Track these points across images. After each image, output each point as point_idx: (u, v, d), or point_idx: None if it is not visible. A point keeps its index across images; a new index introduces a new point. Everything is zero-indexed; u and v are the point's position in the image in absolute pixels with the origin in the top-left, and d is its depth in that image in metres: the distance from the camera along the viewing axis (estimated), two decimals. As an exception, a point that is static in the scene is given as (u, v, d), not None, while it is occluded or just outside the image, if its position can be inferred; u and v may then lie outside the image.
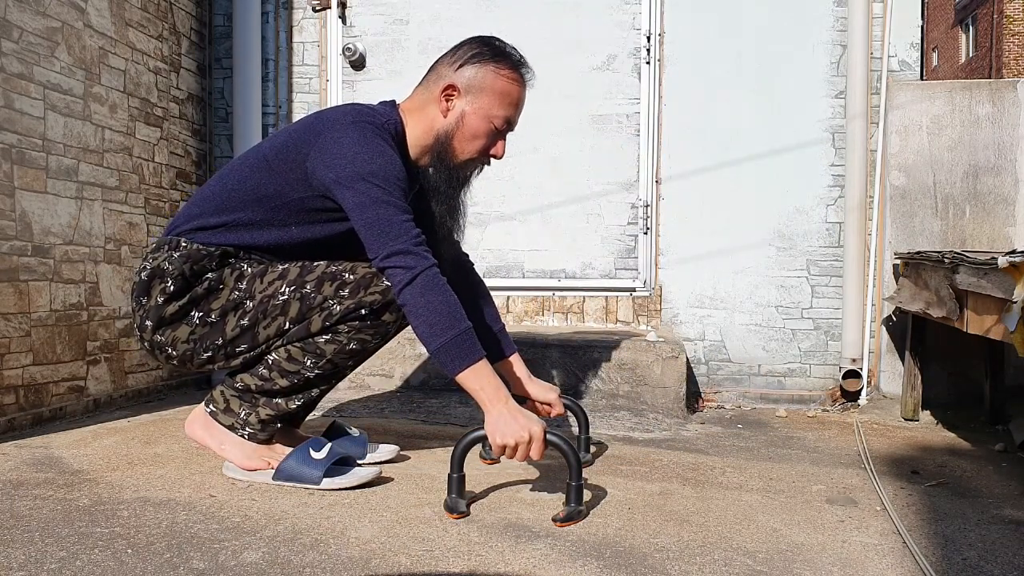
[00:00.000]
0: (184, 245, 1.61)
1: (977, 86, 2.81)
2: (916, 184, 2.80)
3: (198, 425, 1.71)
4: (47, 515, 1.43)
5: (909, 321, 2.68)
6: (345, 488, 1.63)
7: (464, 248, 1.91)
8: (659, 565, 1.28)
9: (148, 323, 1.61)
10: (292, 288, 1.60)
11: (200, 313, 1.61)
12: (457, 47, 1.69)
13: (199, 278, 1.61)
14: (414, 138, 1.70)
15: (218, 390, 1.69)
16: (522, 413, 1.49)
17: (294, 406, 1.68)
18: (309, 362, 1.62)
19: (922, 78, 2.87)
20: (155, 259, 1.61)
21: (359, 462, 1.75)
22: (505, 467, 1.86)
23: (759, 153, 2.94)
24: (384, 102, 1.74)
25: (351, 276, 1.60)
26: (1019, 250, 1.77)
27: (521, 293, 3.06)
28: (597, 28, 3.00)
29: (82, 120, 2.36)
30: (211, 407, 1.69)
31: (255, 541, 1.33)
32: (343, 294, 1.59)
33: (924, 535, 1.48)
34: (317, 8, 3.10)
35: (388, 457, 1.87)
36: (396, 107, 1.72)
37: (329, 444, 1.67)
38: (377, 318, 1.62)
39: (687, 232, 2.98)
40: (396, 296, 1.51)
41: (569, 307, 3.05)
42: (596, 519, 1.50)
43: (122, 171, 2.55)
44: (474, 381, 1.48)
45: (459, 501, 1.51)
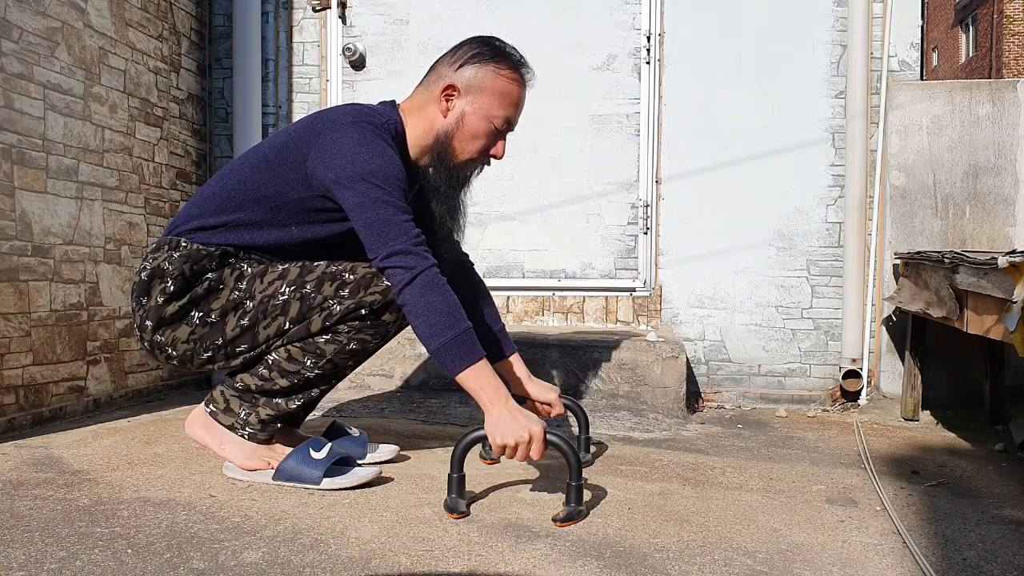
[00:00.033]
0: (184, 245, 1.61)
1: (977, 86, 2.81)
2: (916, 184, 2.80)
3: (198, 425, 1.71)
4: (47, 515, 1.43)
5: (909, 321, 2.68)
6: (345, 488, 1.63)
7: (464, 248, 1.91)
8: (659, 565, 1.28)
9: (148, 323, 1.61)
10: (292, 288, 1.60)
11: (200, 313, 1.61)
12: (457, 47, 1.69)
13: (199, 278, 1.61)
14: (414, 138, 1.70)
15: (218, 390, 1.69)
16: (522, 413, 1.49)
17: (294, 406, 1.68)
18: (309, 362, 1.62)
19: (922, 78, 2.87)
20: (155, 259, 1.61)
21: (359, 462, 1.75)
22: (505, 467, 1.86)
23: (759, 153, 2.94)
24: (384, 102, 1.74)
25: (351, 276, 1.60)
26: (1019, 250, 1.77)
27: (521, 293, 3.06)
28: (597, 28, 3.00)
29: (82, 120, 2.36)
30: (211, 407, 1.69)
31: (255, 541, 1.33)
32: (343, 294, 1.59)
33: (924, 535, 1.48)
34: (317, 8, 3.10)
35: (388, 457, 1.87)
36: (396, 107, 1.72)
37: (329, 444, 1.67)
38: (377, 318, 1.62)
39: (687, 232, 2.98)
40: (396, 296, 1.51)
41: (569, 307, 3.05)
42: (596, 519, 1.50)
43: (122, 171, 2.55)
44: (474, 381, 1.48)
45: (459, 501, 1.51)
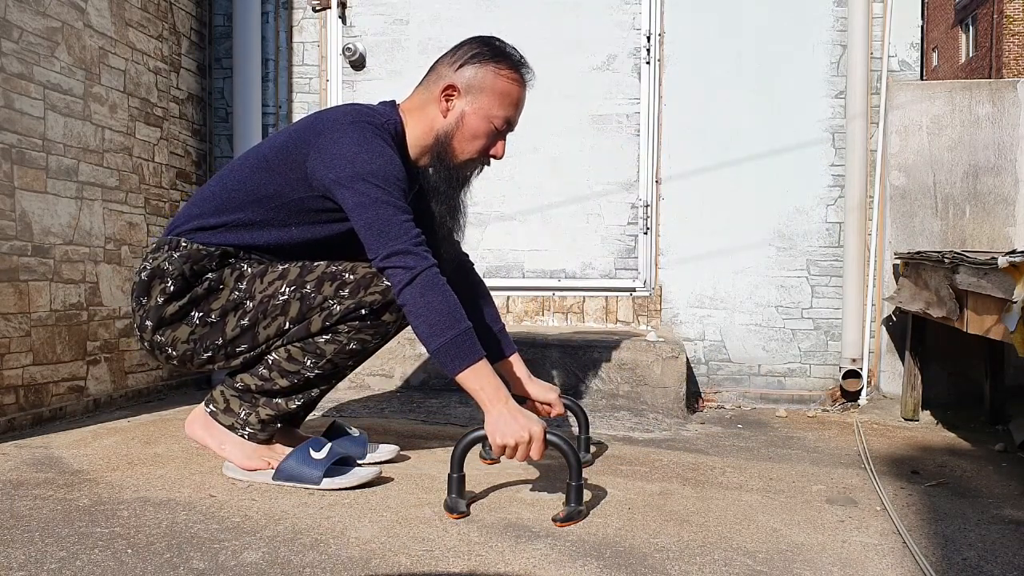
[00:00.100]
0: (184, 245, 1.61)
1: (977, 86, 2.81)
2: (916, 184, 2.80)
3: (198, 425, 1.71)
4: (47, 515, 1.43)
5: (909, 321, 2.68)
6: (345, 488, 1.63)
7: (464, 248, 1.91)
8: (659, 565, 1.28)
9: (148, 323, 1.61)
10: (292, 288, 1.60)
11: (200, 313, 1.61)
12: (457, 47, 1.69)
13: (199, 278, 1.61)
14: (414, 138, 1.70)
15: (218, 390, 1.69)
16: (522, 413, 1.49)
17: (294, 406, 1.68)
18: (309, 362, 1.62)
19: (922, 78, 2.87)
20: (155, 259, 1.61)
21: (359, 462, 1.75)
22: (505, 467, 1.86)
23: (759, 153, 2.94)
24: (384, 102, 1.74)
25: (351, 276, 1.60)
26: (1019, 250, 1.77)
27: (521, 293, 3.06)
28: (597, 28, 3.00)
29: (82, 120, 2.36)
30: (211, 407, 1.69)
31: (255, 541, 1.33)
32: (343, 294, 1.59)
33: (924, 535, 1.48)
34: (317, 8, 3.10)
35: (388, 457, 1.87)
36: (396, 107, 1.72)
37: (329, 444, 1.67)
38: (377, 318, 1.62)
39: (687, 232, 2.98)
40: (396, 296, 1.51)
41: (569, 307, 3.05)
42: (596, 519, 1.50)
43: (122, 171, 2.55)
44: (474, 381, 1.48)
45: (459, 501, 1.51)
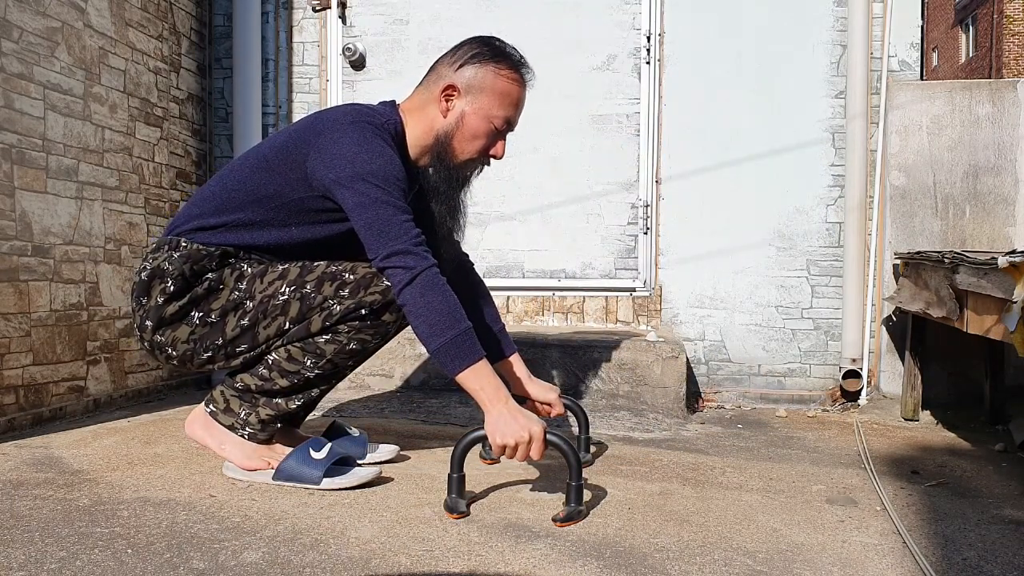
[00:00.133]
0: (184, 245, 1.61)
1: (977, 86, 2.81)
2: (916, 184, 2.80)
3: (198, 425, 1.71)
4: (47, 515, 1.43)
5: (909, 321, 2.68)
6: (345, 488, 1.63)
7: (464, 248, 1.91)
8: (659, 565, 1.28)
9: (148, 323, 1.61)
10: (292, 288, 1.60)
11: (200, 313, 1.61)
12: (457, 47, 1.69)
13: (199, 278, 1.61)
14: (414, 138, 1.70)
15: (218, 390, 1.69)
16: (522, 413, 1.49)
17: (294, 406, 1.68)
18: (309, 362, 1.62)
19: (922, 78, 2.87)
20: (155, 259, 1.61)
21: (359, 462, 1.75)
22: (505, 467, 1.86)
23: (759, 153, 2.94)
24: (384, 102, 1.74)
25: (351, 276, 1.60)
26: (1019, 250, 1.77)
27: (521, 293, 3.06)
28: (597, 28, 3.00)
29: (82, 120, 2.36)
30: (211, 407, 1.69)
31: (255, 541, 1.33)
32: (343, 294, 1.59)
33: (924, 535, 1.48)
34: (317, 8, 3.10)
35: (388, 457, 1.87)
36: (396, 107, 1.72)
37: (329, 444, 1.67)
38: (377, 318, 1.62)
39: (687, 232, 2.98)
40: (396, 296, 1.51)
41: (569, 307, 3.05)
42: (596, 519, 1.50)
43: (122, 171, 2.55)
44: (474, 381, 1.49)
45: (459, 501, 1.51)
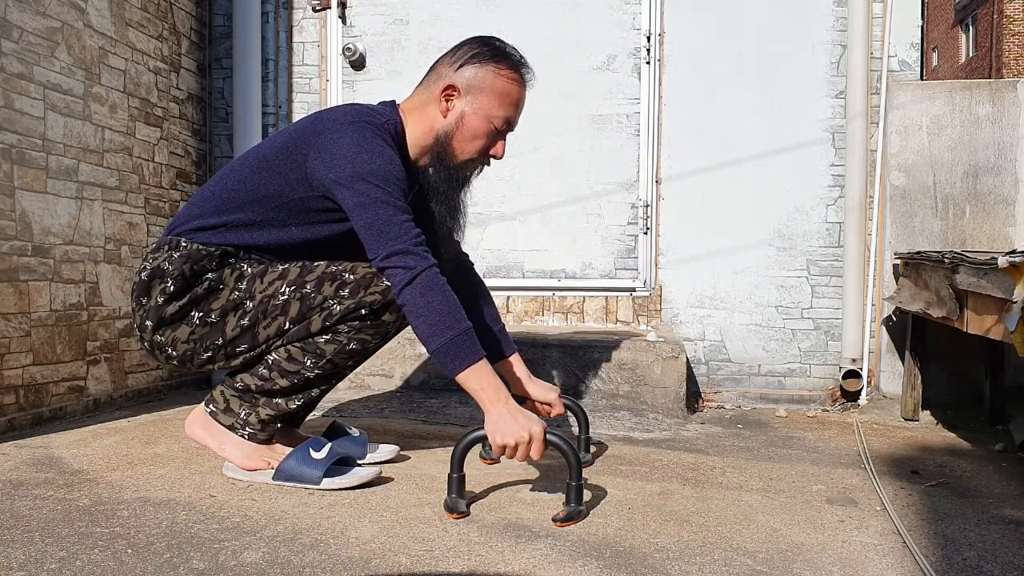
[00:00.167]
0: (184, 245, 1.61)
1: (977, 86, 2.81)
2: (916, 184, 2.80)
3: (198, 425, 1.71)
4: (47, 515, 1.43)
5: (909, 321, 2.68)
6: (345, 488, 1.63)
7: (464, 248, 1.91)
8: (659, 565, 1.28)
9: (148, 323, 1.61)
10: (292, 288, 1.60)
11: (200, 313, 1.61)
12: (457, 47, 1.69)
13: (199, 278, 1.61)
14: (414, 138, 1.70)
15: (218, 390, 1.69)
16: (522, 413, 1.49)
17: (294, 406, 1.68)
18: (309, 362, 1.62)
19: (922, 78, 2.87)
20: (155, 259, 1.61)
21: (359, 462, 1.75)
22: (505, 467, 1.86)
23: (759, 153, 2.94)
24: (384, 102, 1.74)
25: (351, 276, 1.60)
26: (1019, 250, 1.77)
27: (521, 293, 3.06)
28: (597, 28, 3.00)
29: (82, 120, 2.36)
30: (211, 407, 1.69)
31: (255, 541, 1.33)
32: (343, 294, 1.59)
33: (924, 535, 1.48)
34: (317, 8, 3.10)
35: (388, 457, 1.87)
36: (396, 107, 1.72)
37: (329, 444, 1.67)
38: (377, 318, 1.62)
39: (687, 232, 2.98)
40: (396, 296, 1.51)
41: (569, 307, 3.05)
42: (596, 519, 1.50)
43: (122, 171, 2.55)
44: (474, 381, 1.49)
45: (459, 501, 1.51)
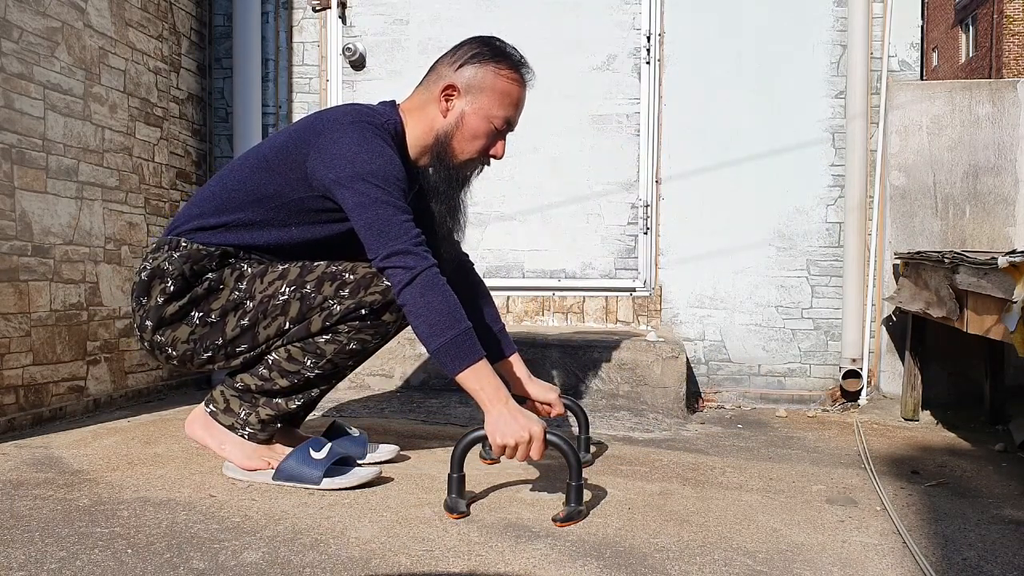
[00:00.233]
0: (184, 245, 1.61)
1: (977, 86, 2.81)
2: (916, 184, 2.80)
3: (198, 425, 1.71)
4: (47, 515, 1.43)
5: (909, 321, 2.68)
6: (345, 488, 1.63)
7: (464, 248, 1.91)
8: (659, 565, 1.28)
9: (148, 323, 1.61)
10: (292, 288, 1.60)
11: (200, 313, 1.61)
12: (457, 47, 1.69)
13: (199, 278, 1.61)
14: (414, 138, 1.70)
15: (218, 390, 1.69)
16: (522, 413, 1.49)
17: (294, 406, 1.68)
18: (309, 362, 1.62)
19: (922, 78, 2.87)
20: (155, 259, 1.61)
21: (359, 462, 1.75)
22: (505, 467, 1.86)
23: (759, 153, 2.94)
24: (384, 102, 1.74)
25: (351, 276, 1.60)
26: (1019, 250, 1.77)
27: (521, 293, 3.06)
28: (597, 28, 3.00)
29: (82, 120, 2.36)
30: (211, 407, 1.69)
31: (255, 541, 1.33)
32: (343, 294, 1.59)
33: (924, 535, 1.48)
34: (317, 8, 3.10)
35: (388, 457, 1.87)
36: (396, 107, 1.72)
37: (329, 444, 1.67)
38: (377, 318, 1.62)
39: (687, 232, 2.98)
40: (396, 296, 1.51)
41: (569, 307, 3.05)
42: (596, 519, 1.50)
43: (122, 171, 2.55)
44: (474, 381, 1.49)
45: (459, 501, 1.51)
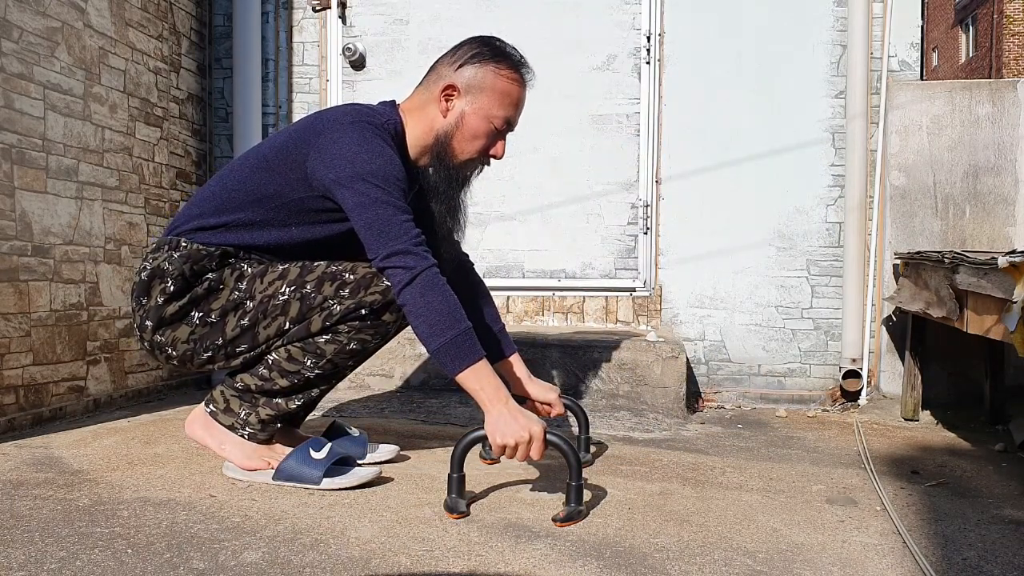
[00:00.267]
0: (184, 245, 1.61)
1: (977, 86, 2.81)
2: (916, 184, 2.80)
3: (198, 425, 1.71)
4: (47, 515, 1.43)
5: (909, 321, 2.68)
6: (345, 488, 1.63)
7: (464, 248, 1.91)
8: (659, 565, 1.28)
9: (148, 323, 1.61)
10: (292, 288, 1.60)
11: (200, 313, 1.61)
12: (457, 47, 1.69)
13: (199, 278, 1.61)
14: (414, 138, 1.70)
15: (218, 390, 1.69)
16: (522, 413, 1.49)
17: (294, 406, 1.68)
18: (309, 362, 1.62)
19: (922, 78, 2.87)
20: (155, 259, 1.61)
21: (359, 462, 1.75)
22: (505, 467, 1.86)
23: (759, 153, 2.94)
24: (384, 102, 1.74)
25: (351, 276, 1.60)
26: (1019, 250, 1.77)
27: (521, 293, 3.06)
28: (597, 28, 3.00)
29: (82, 120, 2.36)
30: (211, 407, 1.69)
31: (255, 541, 1.33)
32: (343, 294, 1.59)
33: (924, 535, 1.48)
34: (317, 8, 3.10)
35: (388, 457, 1.87)
36: (396, 107, 1.72)
37: (329, 444, 1.67)
38: (377, 318, 1.62)
39: (687, 232, 2.98)
40: (396, 296, 1.51)
41: (569, 307, 3.05)
42: (596, 519, 1.50)
43: (122, 171, 2.55)
44: (474, 381, 1.49)
45: (459, 501, 1.51)
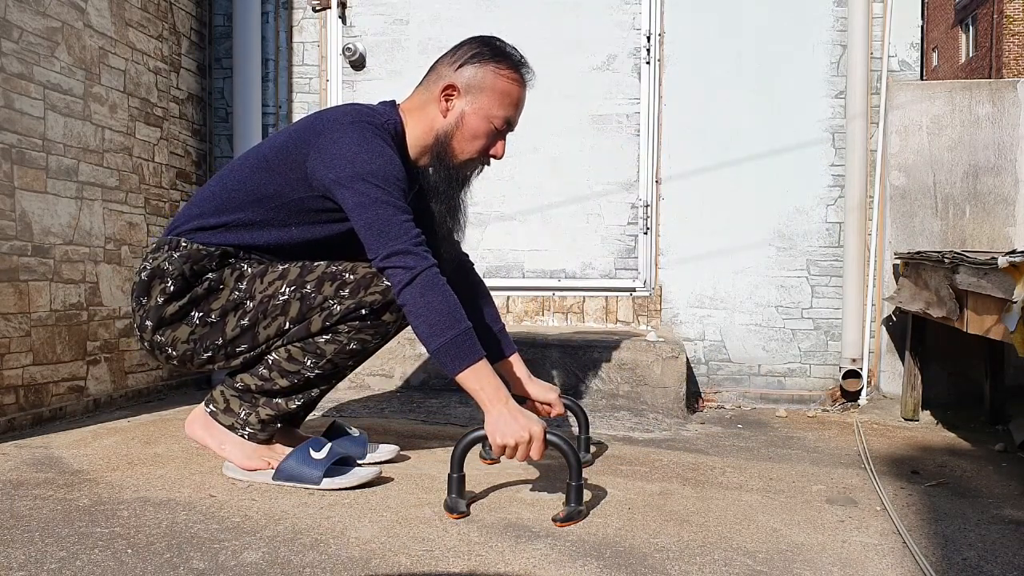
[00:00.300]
0: (184, 245, 1.61)
1: (977, 86, 2.81)
2: (916, 184, 2.80)
3: (198, 425, 1.71)
4: (47, 515, 1.43)
5: (909, 321, 2.68)
6: (345, 488, 1.63)
7: (464, 248, 1.91)
8: (659, 565, 1.28)
9: (148, 323, 1.61)
10: (292, 288, 1.60)
11: (200, 313, 1.61)
12: (457, 47, 1.69)
13: (199, 278, 1.61)
14: (414, 138, 1.70)
15: (218, 390, 1.69)
16: (522, 413, 1.49)
17: (294, 406, 1.68)
18: (309, 362, 1.62)
19: (922, 78, 2.87)
20: (155, 259, 1.61)
21: (359, 462, 1.75)
22: (505, 467, 1.86)
23: (759, 153, 2.94)
24: (384, 102, 1.74)
25: (351, 276, 1.60)
26: (1019, 250, 1.77)
27: (521, 293, 3.06)
28: (597, 28, 3.00)
29: (82, 120, 2.36)
30: (211, 407, 1.69)
31: (255, 541, 1.33)
32: (343, 294, 1.59)
33: (924, 535, 1.48)
34: (317, 8, 3.10)
35: (388, 457, 1.87)
36: (396, 107, 1.72)
37: (329, 444, 1.67)
38: (377, 318, 1.62)
39: (687, 232, 2.98)
40: (396, 296, 1.51)
41: (569, 307, 3.05)
42: (596, 519, 1.50)
43: (122, 171, 2.55)
44: (474, 381, 1.49)
45: (459, 501, 1.51)
